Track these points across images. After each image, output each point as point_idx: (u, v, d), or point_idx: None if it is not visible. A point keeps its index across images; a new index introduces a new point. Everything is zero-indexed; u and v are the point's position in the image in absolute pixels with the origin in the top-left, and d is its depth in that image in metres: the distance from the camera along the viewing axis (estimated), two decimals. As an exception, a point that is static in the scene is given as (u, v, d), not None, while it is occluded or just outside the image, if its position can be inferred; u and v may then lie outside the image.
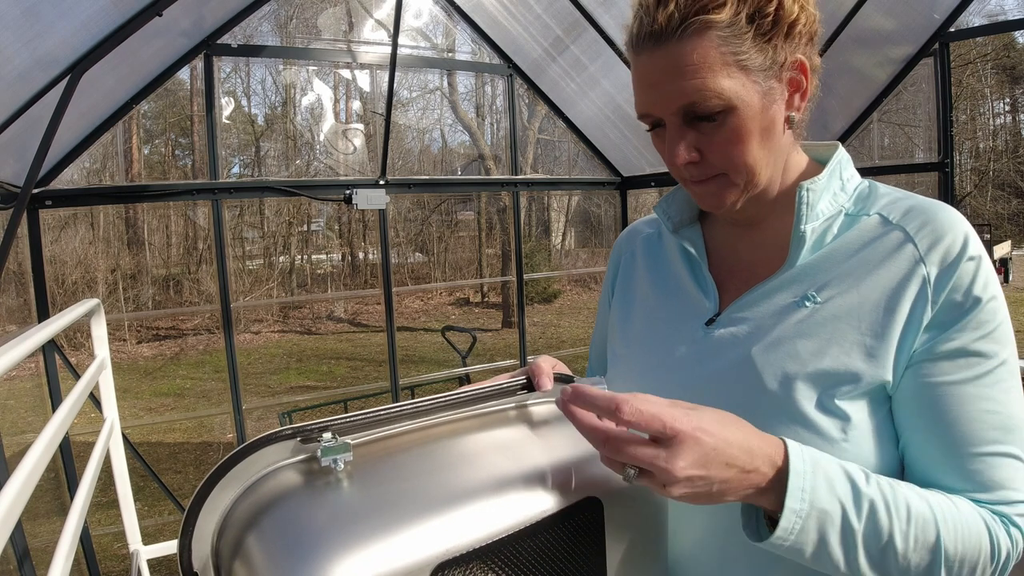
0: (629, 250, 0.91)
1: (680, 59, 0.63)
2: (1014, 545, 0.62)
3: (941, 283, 0.63)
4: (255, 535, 0.55)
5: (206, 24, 2.92)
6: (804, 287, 0.69)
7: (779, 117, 0.68)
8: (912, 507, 0.59)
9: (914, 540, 0.58)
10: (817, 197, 0.69)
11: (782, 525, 0.56)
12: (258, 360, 10.75)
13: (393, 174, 3.45)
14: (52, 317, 1.45)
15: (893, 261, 0.66)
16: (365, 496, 0.57)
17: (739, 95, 0.64)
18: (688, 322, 0.77)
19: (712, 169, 0.69)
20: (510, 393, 0.73)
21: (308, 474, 0.60)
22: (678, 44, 0.63)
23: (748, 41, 0.63)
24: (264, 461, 0.61)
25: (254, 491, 0.59)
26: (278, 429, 0.61)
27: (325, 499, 0.57)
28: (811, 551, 0.57)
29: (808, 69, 0.68)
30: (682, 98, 0.65)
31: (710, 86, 0.63)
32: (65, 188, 2.78)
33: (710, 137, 0.67)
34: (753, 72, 0.64)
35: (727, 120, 0.65)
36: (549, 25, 3.46)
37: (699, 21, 0.62)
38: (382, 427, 0.67)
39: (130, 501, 1.96)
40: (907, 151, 4.32)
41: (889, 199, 0.70)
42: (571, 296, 14.56)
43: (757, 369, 0.67)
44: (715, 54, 0.63)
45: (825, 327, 0.66)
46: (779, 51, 0.65)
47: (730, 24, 0.63)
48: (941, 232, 0.65)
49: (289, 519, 0.55)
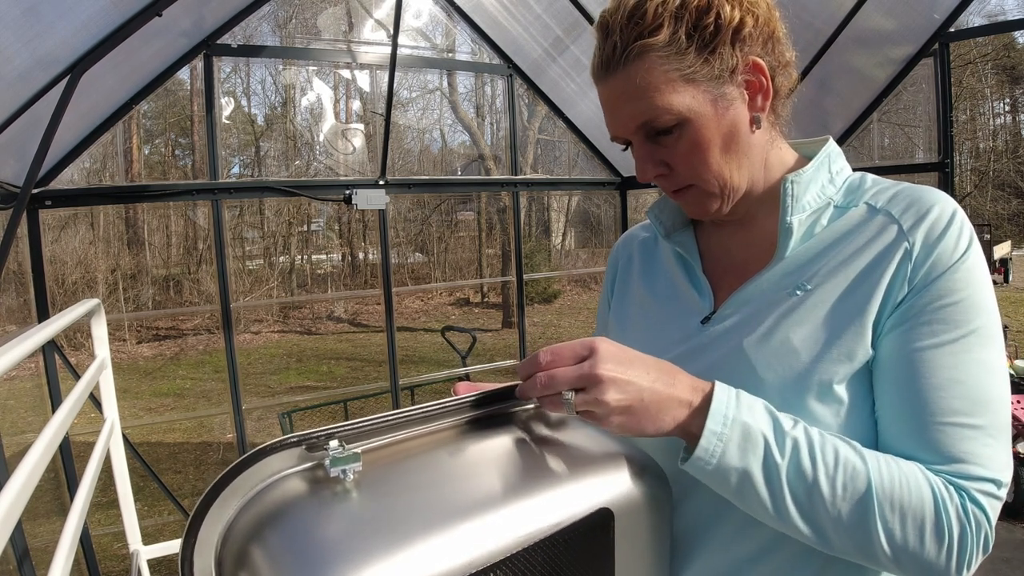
0: (626, 254, 0.93)
1: (628, 83, 0.67)
2: (970, 521, 0.58)
3: (923, 254, 0.64)
4: (260, 546, 0.53)
5: (206, 24, 2.92)
6: (795, 278, 0.70)
7: (741, 120, 0.69)
8: (841, 454, 0.59)
9: (842, 488, 0.58)
10: (803, 189, 0.70)
11: (702, 445, 0.59)
12: (258, 360, 10.76)
13: (393, 174, 3.45)
14: (52, 317, 1.45)
15: (877, 241, 0.67)
16: (376, 508, 0.55)
17: (689, 107, 0.67)
18: (684, 321, 0.78)
19: (681, 180, 0.72)
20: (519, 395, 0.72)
21: (315, 483, 0.58)
22: (624, 70, 0.67)
23: (691, 55, 0.66)
24: (269, 470, 0.59)
25: (259, 501, 0.57)
26: (283, 437, 0.59)
27: (333, 510, 0.55)
28: (735, 481, 0.59)
29: (764, 69, 0.68)
30: (637, 118, 0.69)
31: (659, 104, 0.66)
32: (65, 188, 2.78)
33: (672, 150, 0.70)
34: (702, 83, 0.67)
35: (684, 132, 0.68)
36: (549, 25, 3.46)
37: (638, 47, 0.66)
38: (391, 433, 0.65)
39: (130, 501, 1.96)
40: (907, 151, 4.32)
41: (877, 188, 0.71)
42: (571, 296, 14.56)
43: (750, 360, 0.68)
44: (658, 73, 0.66)
45: (815, 312, 0.67)
46: (727, 58, 0.67)
47: (668, 43, 0.65)
48: (926, 209, 0.66)
49: (296, 530, 0.53)
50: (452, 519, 0.54)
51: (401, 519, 0.53)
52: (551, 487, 0.59)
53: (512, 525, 0.55)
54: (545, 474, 0.61)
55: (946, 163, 3.12)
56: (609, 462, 0.63)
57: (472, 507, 0.55)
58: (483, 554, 0.52)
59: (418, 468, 0.61)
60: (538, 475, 0.60)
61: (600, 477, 0.62)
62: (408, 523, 0.53)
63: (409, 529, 0.52)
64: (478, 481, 0.59)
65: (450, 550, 0.52)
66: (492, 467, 0.62)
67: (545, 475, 0.61)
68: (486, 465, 0.62)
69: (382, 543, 0.51)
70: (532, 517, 0.56)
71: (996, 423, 0.61)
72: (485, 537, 0.53)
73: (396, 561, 0.49)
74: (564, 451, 0.65)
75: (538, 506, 0.57)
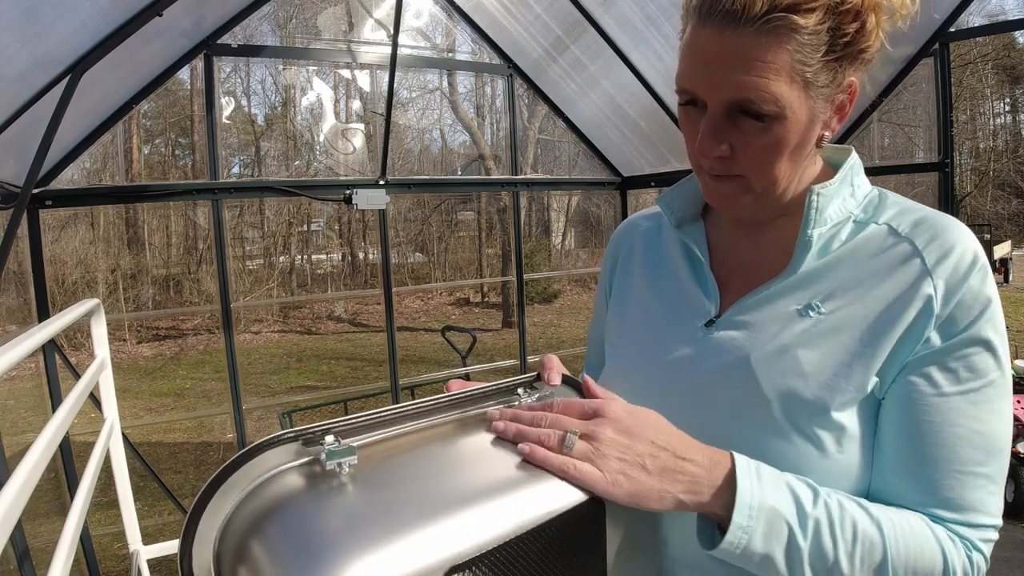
0: (627, 244, 0.89)
1: (751, 51, 0.59)
2: (972, 569, 0.61)
3: (947, 298, 0.62)
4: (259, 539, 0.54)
5: (206, 24, 2.92)
6: (808, 295, 0.68)
7: (815, 134, 0.66)
8: (859, 528, 0.59)
9: (860, 561, 0.59)
10: (827, 202, 0.68)
11: (728, 539, 0.58)
12: (258, 360, 10.76)
13: (393, 174, 3.45)
14: (52, 317, 1.45)
15: (899, 274, 0.65)
16: (371, 499, 0.56)
17: (792, 107, 0.61)
18: (687, 322, 0.76)
19: (736, 168, 0.66)
20: (513, 389, 0.73)
21: (312, 477, 0.59)
22: (755, 35, 0.59)
23: (819, 56, 0.60)
24: (266, 465, 0.60)
25: (257, 495, 0.58)
26: (279, 433, 0.60)
27: (330, 502, 0.56)
28: (756, 562, 0.59)
29: (856, 94, 0.66)
30: (737, 91, 0.61)
31: (772, 89, 0.60)
32: (65, 188, 2.78)
33: (748, 138, 0.64)
34: (811, 88, 0.62)
35: (772, 127, 0.62)
36: (549, 25, 3.46)
37: (786, 20, 0.58)
38: (386, 428, 0.66)
39: (130, 501, 1.96)
40: (907, 151, 4.32)
41: (898, 209, 0.69)
42: (571, 296, 14.56)
43: (756, 376, 0.66)
44: (786, 58, 0.59)
45: (827, 339, 0.65)
46: (839, 73, 0.63)
47: (812, 32, 0.59)
48: (949, 247, 0.64)
49: (294, 523, 0.54)
50: (448, 508, 0.55)
51: (397, 510, 0.54)
52: (544, 478, 0.60)
53: (507, 514, 0.56)
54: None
55: (946, 163, 3.12)
56: None
57: (468, 497, 0.57)
58: (480, 541, 0.54)
59: (413, 461, 0.62)
60: (531, 467, 0.62)
61: None
62: (404, 513, 0.54)
63: (405, 519, 0.53)
64: (473, 472, 0.60)
65: (447, 538, 0.53)
66: (486, 459, 0.63)
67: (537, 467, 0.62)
68: (480, 458, 0.63)
69: (378, 532, 0.51)
70: (526, 506, 0.58)
71: (1001, 469, 0.63)
72: (481, 525, 0.54)
73: (393, 550, 0.50)
74: None
75: (532, 495, 0.58)
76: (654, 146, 3.78)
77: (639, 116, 3.61)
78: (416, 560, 0.51)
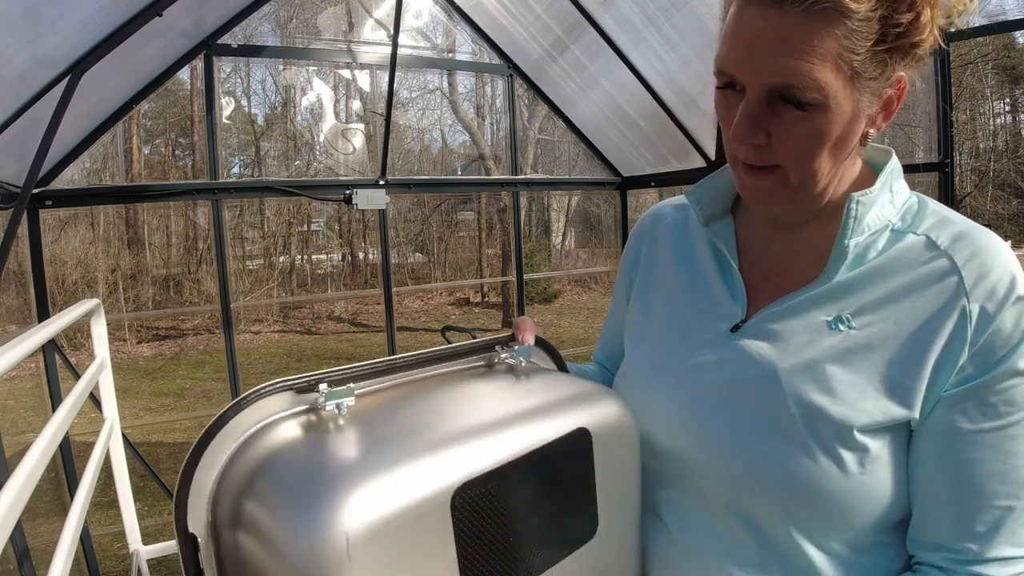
0: (652, 236, 0.86)
1: (797, 34, 0.56)
2: None
3: (983, 323, 0.60)
4: (261, 477, 0.54)
5: (206, 24, 2.92)
6: (839, 306, 0.65)
7: (859, 130, 0.63)
8: None
9: None
10: (866, 211, 0.64)
11: None
12: (258, 360, 10.75)
13: (393, 174, 3.45)
14: (52, 317, 1.45)
15: (934, 290, 0.62)
16: (373, 434, 0.58)
17: (836, 97, 0.58)
18: (713, 325, 0.73)
19: (773, 158, 0.63)
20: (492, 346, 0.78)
21: (310, 421, 0.60)
22: (802, 17, 0.56)
23: (869, 45, 0.57)
24: (261, 413, 0.60)
25: (255, 441, 0.58)
26: (273, 381, 0.61)
27: (332, 439, 0.57)
28: None
29: (905, 91, 0.63)
30: (780, 76, 0.58)
31: (816, 76, 0.57)
32: (65, 188, 2.78)
33: (787, 126, 0.60)
34: (858, 79, 0.59)
35: (814, 116, 0.59)
36: (549, 25, 3.46)
37: (836, 3, 0.55)
38: (379, 378, 0.68)
39: (130, 501, 1.96)
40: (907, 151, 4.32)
41: (938, 219, 0.66)
42: (571, 296, 14.55)
43: (782, 389, 0.64)
44: (834, 45, 0.56)
45: (857, 357, 0.63)
46: (889, 66, 0.60)
47: (863, 19, 0.56)
48: (988, 267, 0.61)
49: (296, 459, 0.54)
50: (447, 440, 0.57)
51: (397, 442, 0.56)
52: (536, 412, 0.65)
53: (503, 442, 0.60)
54: (530, 403, 0.67)
55: (946, 163, 3.12)
56: (584, 395, 0.70)
57: (465, 430, 0.59)
58: (479, 467, 0.57)
59: (411, 403, 0.65)
60: (524, 404, 0.66)
61: (577, 405, 0.68)
62: (404, 445, 0.56)
63: (406, 449, 0.55)
64: (468, 410, 0.64)
65: (447, 464, 0.55)
66: (481, 400, 0.67)
67: (530, 404, 0.67)
68: (475, 399, 0.68)
69: (386, 459, 0.53)
70: (521, 436, 0.61)
71: None
72: (479, 452, 0.58)
73: (396, 476, 0.52)
74: (544, 387, 0.72)
75: (526, 427, 0.63)
76: (654, 146, 3.78)
77: (639, 116, 3.61)
78: (425, 482, 0.52)
